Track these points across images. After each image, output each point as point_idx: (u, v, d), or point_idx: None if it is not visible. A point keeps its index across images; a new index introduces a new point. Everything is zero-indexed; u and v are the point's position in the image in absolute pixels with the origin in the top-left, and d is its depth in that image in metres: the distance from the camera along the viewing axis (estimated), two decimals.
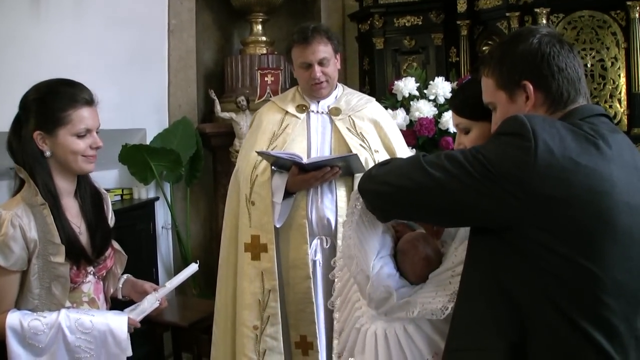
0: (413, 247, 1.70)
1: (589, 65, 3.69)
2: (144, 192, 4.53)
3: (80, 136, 1.90)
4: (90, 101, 1.95)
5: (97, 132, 1.96)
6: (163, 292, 2.10)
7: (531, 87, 1.42)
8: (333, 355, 2.59)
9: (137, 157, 4.25)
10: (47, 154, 1.89)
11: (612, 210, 1.28)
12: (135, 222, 4.33)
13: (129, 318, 1.94)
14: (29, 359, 1.80)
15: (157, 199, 4.60)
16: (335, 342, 2.43)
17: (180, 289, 4.73)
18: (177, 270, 4.75)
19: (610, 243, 1.29)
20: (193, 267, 2.20)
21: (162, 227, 4.73)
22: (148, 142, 4.52)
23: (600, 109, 1.46)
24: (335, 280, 1.89)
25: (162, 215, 4.72)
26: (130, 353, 1.95)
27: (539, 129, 1.30)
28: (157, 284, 4.39)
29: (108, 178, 4.53)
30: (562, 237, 1.28)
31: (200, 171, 4.71)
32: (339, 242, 2.47)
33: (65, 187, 1.95)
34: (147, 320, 3.64)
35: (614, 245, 1.29)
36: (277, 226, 2.70)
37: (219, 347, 2.94)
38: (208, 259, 4.93)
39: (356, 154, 2.59)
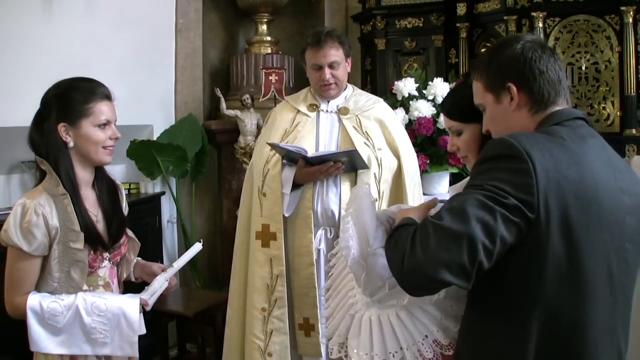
0: None
1: (583, 68, 3.82)
2: (151, 187, 4.65)
3: (101, 127, 2.03)
4: (108, 95, 2.10)
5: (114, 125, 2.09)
6: (171, 272, 2.23)
7: (515, 88, 1.54)
8: (320, 339, 2.76)
9: (144, 153, 4.36)
10: (70, 144, 2.02)
11: (600, 212, 1.40)
12: (142, 216, 4.45)
13: (140, 299, 2.07)
14: (48, 338, 1.93)
15: (163, 193, 4.72)
16: (322, 327, 2.58)
17: (185, 280, 4.86)
18: None
19: (600, 240, 1.41)
20: (197, 247, 2.32)
21: (168, 221, 4.84)
22: (155, 138, 4.62)
23: (578, 112, 1.56)
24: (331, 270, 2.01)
25: (168, 210, 4.84)
26: (144, 331, 2.08)
27: (529, 148, 1.37)
28: None
29: (116, 173, 4.61)
30: (564, 241, 1.37)
31: (206, 167, 4.82)
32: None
33: (84, 177, 2.08)
34: (152, 311, 3.79)
35: (602, 242, 1.41)
36: (286, 215, 2.89)
37: (232, 327, 3.13)
38: (212, 252, 5.07)
39: (356, 150, 2.75)
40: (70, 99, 2.01)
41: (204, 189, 5.02)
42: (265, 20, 5.13)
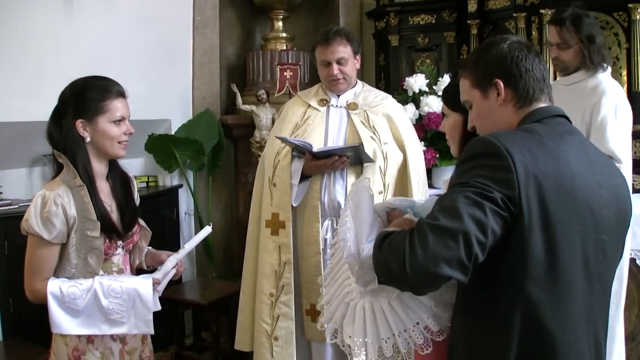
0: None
1: None
2: (169, 180, 4.78)
3: (116, 123, 2.15)
4: (122, 93, 2.21)
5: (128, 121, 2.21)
6: (182, 254, 2.35)
7: (502, 84, 1.63)
8: (317, 325, 2.86)
9: (162, 147, 4.49)
10: (87, 139, 2.14)
11: (576, 204, 1.47)
12: (160, 208, 4.58)
13: (153, 278, 2.19)
14: (69, 320, 2.05)
15: (180, 186, 4.84)
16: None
17: (201, 270, 4.99)
18: (199, 254, 5.00)
19: (577, 233, 1.47)
20: (207, 230, 2.45)
21: (185, 213, 4.97)
22: (173, 133, 4.74)
23: (558, 110, 1.64)
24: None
25: (185, 202, 4.97)
26: (159, 307, 2.21)
27: (509, 145, 1.45)
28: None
29: (135, 166, 4.78)
30: (544, 235, 1.44)
31: (222, 160, 4.94)
32: None
33: (99, 170, 2.20)
34: (168, 300, 3.91)
35: (579, 234, 1.47)
36: (294, 205, 3.03)
37: (244, 313, 3.27)
38: (228, 244, 5.19)
39: (360, 145, 2.87)
40: (87, 96, 2.13)
41: (221, 182, 5.14)
42: (281, 17, 5.23)
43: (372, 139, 3.02)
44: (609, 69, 3.13)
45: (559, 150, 1.50)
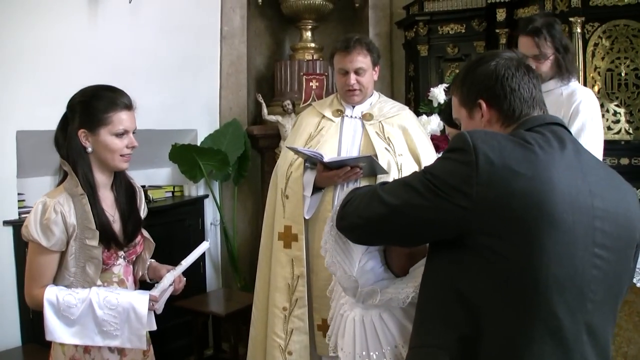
0: None
1: (623, 74, 3.71)
2: (194, 190, 4.80)
3: (118, 136, 2.13)
4: (129, 105, 2.18)
5: (133, 134, 2.18)
6: (179, 270, 2.30)
7: (485, 105, 1.58)
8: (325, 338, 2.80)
9: (186, 156, 4.50)
10: (89, 150, 2.12)
11: (552, 211, 1.37)
12: (185, 218, 4.59)
13: (150, 295, 2.15)
14: (63, 329, 2.04)
15: (206, 196, 4.85)
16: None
17: (226, 282, 4.97)
18: (225, 265, 4.99)
19: (552, 241, 1.37)
20: (204, 246, 2.41)
21: (211, 224, 4.97)
22: (199, 143, 4.76)
23: (554, 118, 1.57)
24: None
25: (211, 212, 4.96)
26: (154, 327, 2.18)
27: (480, 142, 1.41)
28: (205, 277, 4.65)
29: (161, 175, 4.81)
30: (506, 240, 1.38)
31: (247, 171, 4.92)
32: None
33: (102, 180, 2.18)
34: (189, 310, 3.89)
35: (555, 243, 1.37)
36: (306, 218, 2.95)
37: (256, 327, 3.21)
38: (253, 255, 5.12)
39: (372, 156, 2.79)
40: (93, 107, 2.11)
41: (247, 193, 5.13)
42: (310, 26, 5.21)
43: (386, 150, 2.94)
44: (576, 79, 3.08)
45: (543, 154, 1.43)
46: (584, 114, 2.89)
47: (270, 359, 3.03)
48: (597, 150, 2.89)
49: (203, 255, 4.75)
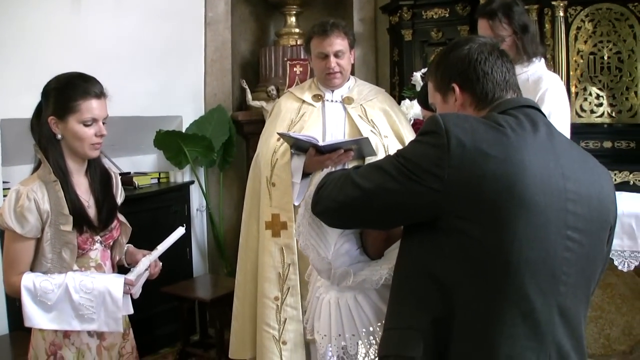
0: None
1: (605, 58, 3.70)
2: (180, 176, 4.80)
3: (87, 125, 2.13)
4: (99, 94, 2.18)
5: (104, 122, 2.18)
6: (155, 255, 2.32)
7: (457, 88, 1.59)
8: (302, 321, 2.81)
9: (171, 143, 4.50)
10: (59, 137, 2.14)
11: (524, 193, 1.38)
12: (171, 204, 4.60)
13: (125, 279, 2.17)
14: (41, 314, 2.06)
15: (192, 182, 4.85)
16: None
17: (213, 267, 4.99)
18: (211, 251, 5.01)
19: (524, 223, 1.38)
20: (180, 231, 2.40)
21: (197, 210, 4.98)
22: (184, 129, 4.76)
23: (528, 101, 1.58)
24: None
25: (197, 198, 4.97)
26: (131, 311, 2.21)
27: (451, 125, 1.42)
28: (192, 263, 4.66)
29: (147, 162, 4.81)
30: (478, 222, 1.39)
31: (233, 157, 4.92)
32: None
33: (75, 166, 2.20)
34: (175, 296, 3.91)
35: (527, 225, 1.38)
36: (296, 204, 2.93)
37: (239, 319, 3.18)
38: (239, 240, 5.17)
39: (367, 138, 2.79)
40: (63, 94, 2.13)
41: (232, 178, 5.13)
42: (294, 12, 5.21)
43: (372, 132, 2.95)
44: (543, 60, 3.01)
45: (514, 136, 1.43)
46: (549, 102, 2.85)
47: (263, 350, 2.98)
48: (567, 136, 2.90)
49: (189, 241, 4.79)
